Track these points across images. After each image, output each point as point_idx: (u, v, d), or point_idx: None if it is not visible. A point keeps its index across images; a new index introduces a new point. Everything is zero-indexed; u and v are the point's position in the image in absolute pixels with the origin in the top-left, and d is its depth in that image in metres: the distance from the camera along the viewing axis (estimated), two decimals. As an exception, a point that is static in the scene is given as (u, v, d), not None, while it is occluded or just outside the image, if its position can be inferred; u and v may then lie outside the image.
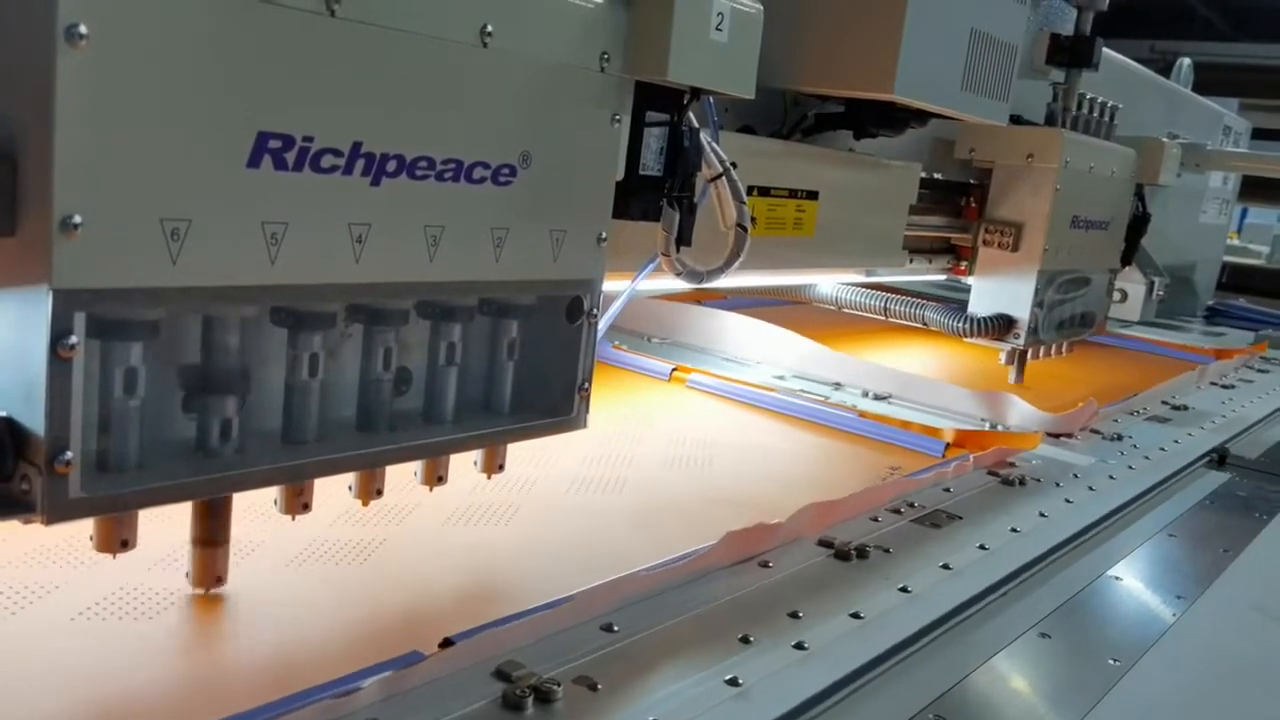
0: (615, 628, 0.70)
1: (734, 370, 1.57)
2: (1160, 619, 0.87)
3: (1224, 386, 1.98)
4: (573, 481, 1.01)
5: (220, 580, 0.67)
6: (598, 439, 1.16)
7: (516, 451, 0.80)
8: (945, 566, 0.89)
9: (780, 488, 1.07)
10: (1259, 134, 3.30)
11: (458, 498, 0.89)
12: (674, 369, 1.51)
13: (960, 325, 1.64)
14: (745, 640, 0.71)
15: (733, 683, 0.66)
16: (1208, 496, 1.25)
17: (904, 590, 0.83)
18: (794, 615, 0.76)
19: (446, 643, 0.64)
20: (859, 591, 0.82)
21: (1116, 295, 2.06)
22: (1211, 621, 0.87)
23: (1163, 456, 1.37)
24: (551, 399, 0.80)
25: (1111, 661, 0.77)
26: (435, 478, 0.75)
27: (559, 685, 0.61)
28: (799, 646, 0.71)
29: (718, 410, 1.39)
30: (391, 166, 0.62)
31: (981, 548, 0.95)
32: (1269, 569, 1.03)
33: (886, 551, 0.90)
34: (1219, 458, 1.41)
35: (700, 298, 1.88)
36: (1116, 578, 0.95)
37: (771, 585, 0.81)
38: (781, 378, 1.56)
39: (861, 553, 0.89)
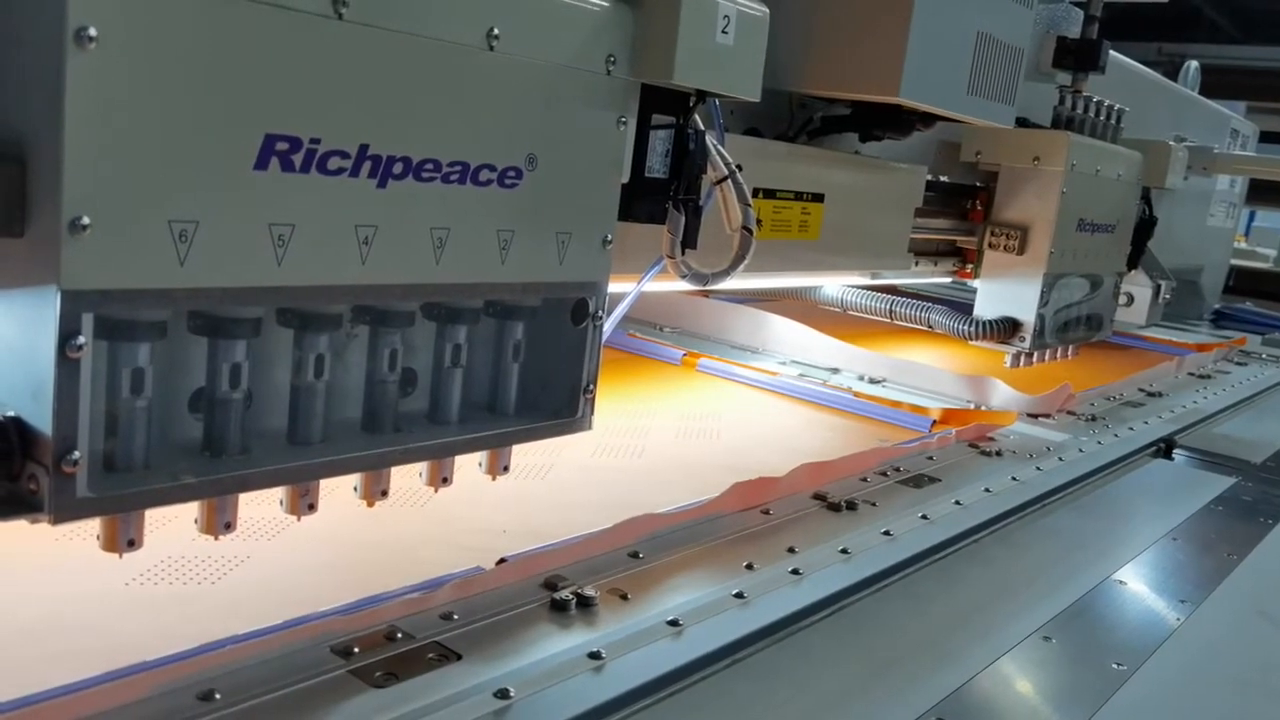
0: (640, 555, 0.82)
1: (740, 357, 1.67)
2: (1164, 623, 0.87)
3: (1201, 376, 2.06)
4: (597, 448, 1.15)
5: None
6: (618, 415, 1.29)
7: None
8: (924, 517, 0.99)
9: (780, 456, 1.16)
10: (1266, 137, 3.29)
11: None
12: (685, 354, 1.62)
13: (965, 328, 1.64)
14: (749, 567, 0.82)
15: (738, 596, 0.77)
16: (1213, 500, 1.25)
17: (886, 534, 0.94)
18: (790, 550, 0.87)
19: (502, 561, 0.75)
20: (847, 533, 0.93)
21: (1122, 299, 2.06)
22: (1216, 626, 0.87)
23: (1131, 435, 1.46)
24: (556, 401, 0.80)
25: (1115, 665, 0.77)
26: (440, 479, 0.75)
27: (596, 594, 0.73)
28: (794, 572, 0.82)
29: (725, 391, 1.51)
30: (398, 169, 0.62)
31: (957, 503, 1.05)
32: (1274, 574, 1.02)
33: (873, 505, 1.01)
34: (1166, 446, 1.47)
35: (708, 294, 1.91)
36: (1120, 581, 0.94)
37: (771, 527, 0.93)
38: (784, 363, 1.66)
39: (850, 505, 1.00)
